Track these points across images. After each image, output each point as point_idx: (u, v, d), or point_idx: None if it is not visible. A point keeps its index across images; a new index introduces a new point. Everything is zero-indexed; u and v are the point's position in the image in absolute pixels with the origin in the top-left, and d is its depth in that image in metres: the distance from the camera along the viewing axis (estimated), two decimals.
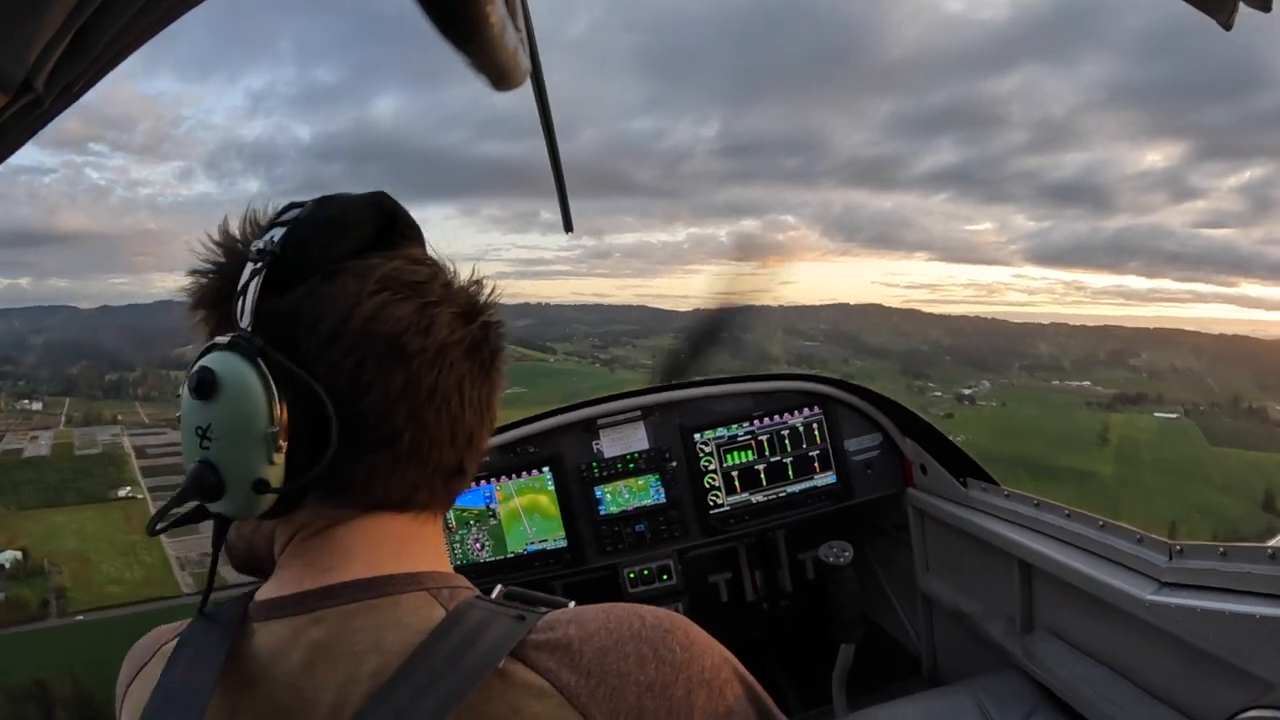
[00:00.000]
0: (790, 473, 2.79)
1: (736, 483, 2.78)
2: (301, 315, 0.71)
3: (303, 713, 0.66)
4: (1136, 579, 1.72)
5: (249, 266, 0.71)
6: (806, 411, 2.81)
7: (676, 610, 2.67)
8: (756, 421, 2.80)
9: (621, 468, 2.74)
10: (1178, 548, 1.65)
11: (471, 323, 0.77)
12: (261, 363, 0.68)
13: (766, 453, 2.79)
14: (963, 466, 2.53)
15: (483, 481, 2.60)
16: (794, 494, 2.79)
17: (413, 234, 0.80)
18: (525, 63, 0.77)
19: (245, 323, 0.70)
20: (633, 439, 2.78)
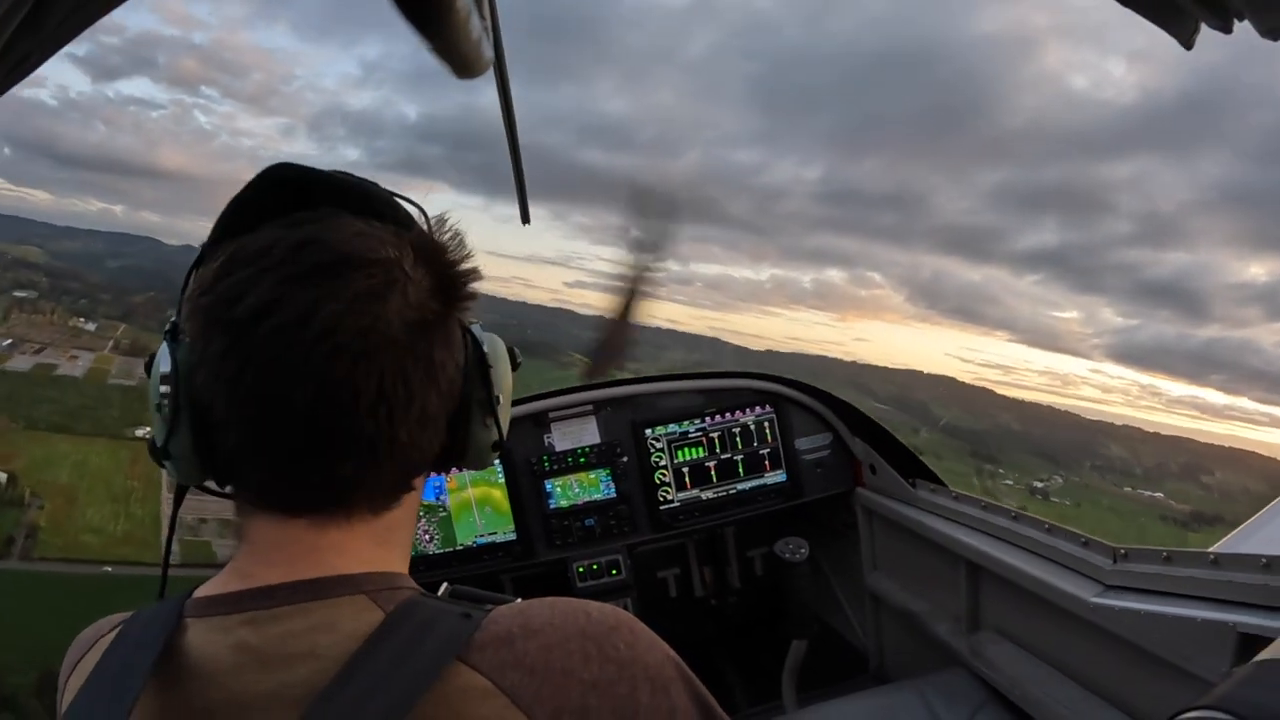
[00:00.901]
0: (741, 470, 2.80)
1: (687, 479, 2.77)
2: (181, 294, 0.73)
3: (232, 717, 0.65)
4: (1081, 581, 1.75)
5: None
6: (758, 410, 2.82)
7: (625, 605, 2.66)
8: (708, 418, 2.80)
9: (572, 461, 2.73)
10: (1122, 551, 1.68)
11: (412, 313, 0.70)
12: (167, 340, 0.72)
13: (717, 450, 2.80)
14: (911, 467, 2.56)
15: (432, 473, 2.55)
16: (744, 491, 2.79)
17: (330, 199, 0.73)
18: (488, 52, 0.76)
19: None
20: (584, 433, 2.76)
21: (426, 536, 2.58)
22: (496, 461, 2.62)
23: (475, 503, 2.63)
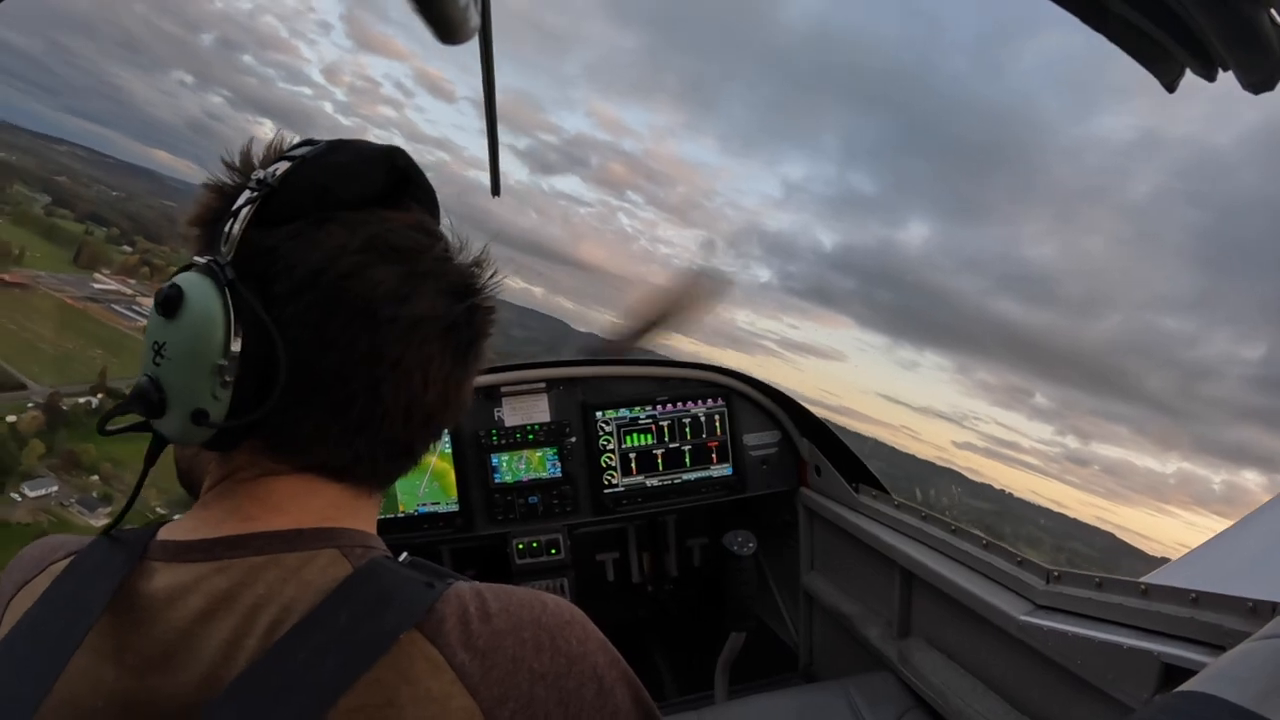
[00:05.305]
0: (687, 460, 2.80)
1: (633, 464, 2.76)
2: (280, 256, 0.69)
3: (189, 659, 0.63)
4: (1013, 598, 1.78)
5: (245, 194, 0.70)
6: (710, 402, 2.81)
7: (562, 586, 2.63)
8: (659, 406, 2.78)
9: (520, 437, 2.69)
10: (1055, 573, 1.71)
11: (457, 302, 0.75)
12: (229, 293, 0.67)
13: (666, 438, 2.79)
14: (856, 472, 2.58)
15: None
16: (689, 481, 2.79)
17: (425, 199, 0.78)
18: (475, 20, 0.74)
19: (227, 249, 0.69)
20: (534, 410, 2.73)
21: None
22: (445, 431, 2.58)
23: (418, 471, 2.59)
